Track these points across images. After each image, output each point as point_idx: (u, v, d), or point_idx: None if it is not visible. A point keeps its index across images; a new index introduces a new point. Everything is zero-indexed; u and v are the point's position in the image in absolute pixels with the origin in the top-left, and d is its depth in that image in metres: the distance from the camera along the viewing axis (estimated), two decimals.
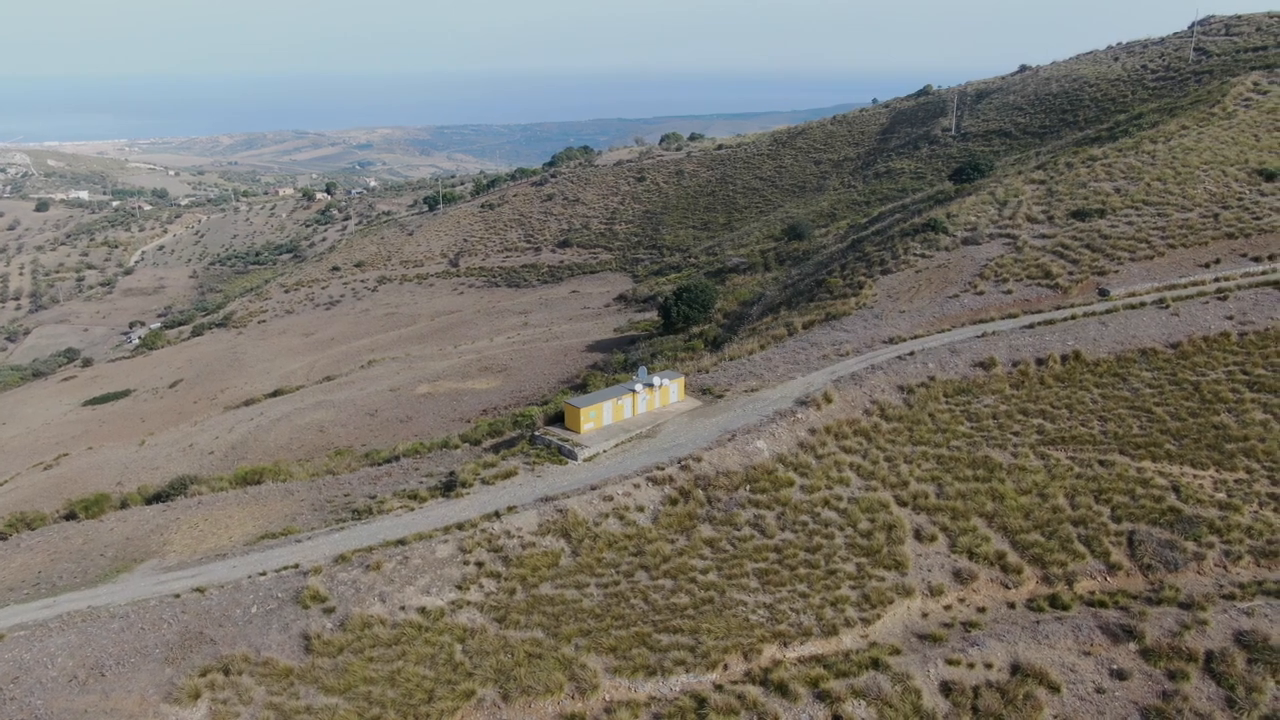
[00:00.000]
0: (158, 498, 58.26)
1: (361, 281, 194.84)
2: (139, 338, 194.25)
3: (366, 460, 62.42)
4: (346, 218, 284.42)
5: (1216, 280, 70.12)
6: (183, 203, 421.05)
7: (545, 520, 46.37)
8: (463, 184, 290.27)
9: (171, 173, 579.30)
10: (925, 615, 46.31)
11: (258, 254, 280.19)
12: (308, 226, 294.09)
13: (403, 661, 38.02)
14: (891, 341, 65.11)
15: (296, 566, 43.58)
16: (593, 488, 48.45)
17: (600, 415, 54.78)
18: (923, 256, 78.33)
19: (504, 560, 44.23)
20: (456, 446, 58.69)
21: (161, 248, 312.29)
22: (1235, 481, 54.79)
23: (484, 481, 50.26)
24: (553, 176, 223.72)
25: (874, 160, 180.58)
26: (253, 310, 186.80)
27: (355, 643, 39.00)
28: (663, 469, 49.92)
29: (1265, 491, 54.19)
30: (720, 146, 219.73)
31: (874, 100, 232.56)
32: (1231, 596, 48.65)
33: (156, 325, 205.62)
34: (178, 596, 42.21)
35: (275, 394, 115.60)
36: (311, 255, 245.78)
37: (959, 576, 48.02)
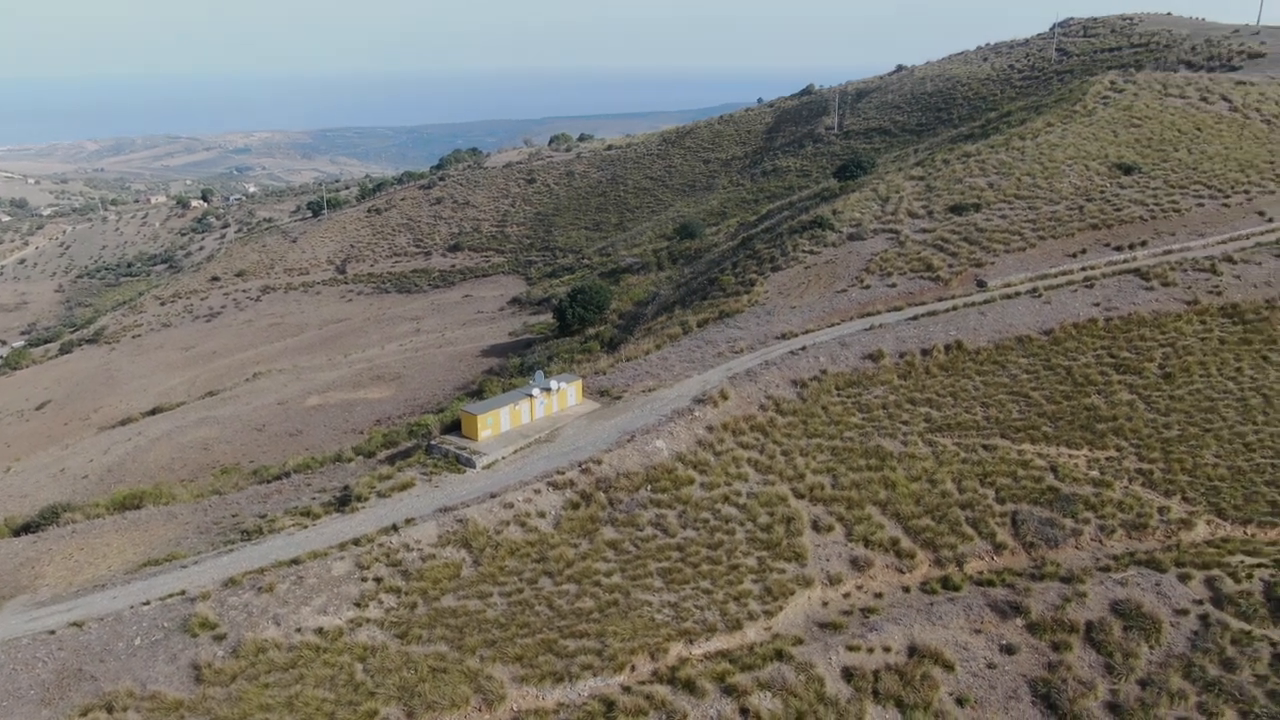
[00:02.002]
0: (26, 528, 54.79)
1: (244, 291, 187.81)
2: (1, 358, 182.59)
3: (255, 478, 60.15)
4: (225, 225, 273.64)
5: (1084, 269, 73.91)
6: (45, 212, 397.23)
7: (445, 531, 45.55)
8: (348, 188, 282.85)
9: (31, 181, 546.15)
10: (826, 604, 47.37)
11: (130, 265, 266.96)
12: (184, 235, 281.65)
13: (301, 685, 36.74)
14: (784, 337, 66.39)
15: (183, 593, 41.64)
16: (492, 495, 47.85)
17: (498, 422, 54.14)
18: (811, 253, 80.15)
19: (404, 574, 43.25)
20: (350, 459, 57.12)
21: (23, 261, 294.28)
22: (1107, 460, 57.84)
23: (380, 495, 49.04)
24: (441, 179, 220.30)
25: (761, 158, 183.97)
26: (126, 325, 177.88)
27: (249, 669, 37.50)
28: (563, 473, 49.67)
29: (1134, 468, 57.38)
30: (610, 147, 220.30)
31: (759, 100, 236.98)
32: (1107, 569, 51.37)
33: (20, 344, 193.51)
34: (53, 633, 39.79)
35: (154, 412, 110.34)
36: (189, 265, 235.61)
37: (856, 564, 49.29)
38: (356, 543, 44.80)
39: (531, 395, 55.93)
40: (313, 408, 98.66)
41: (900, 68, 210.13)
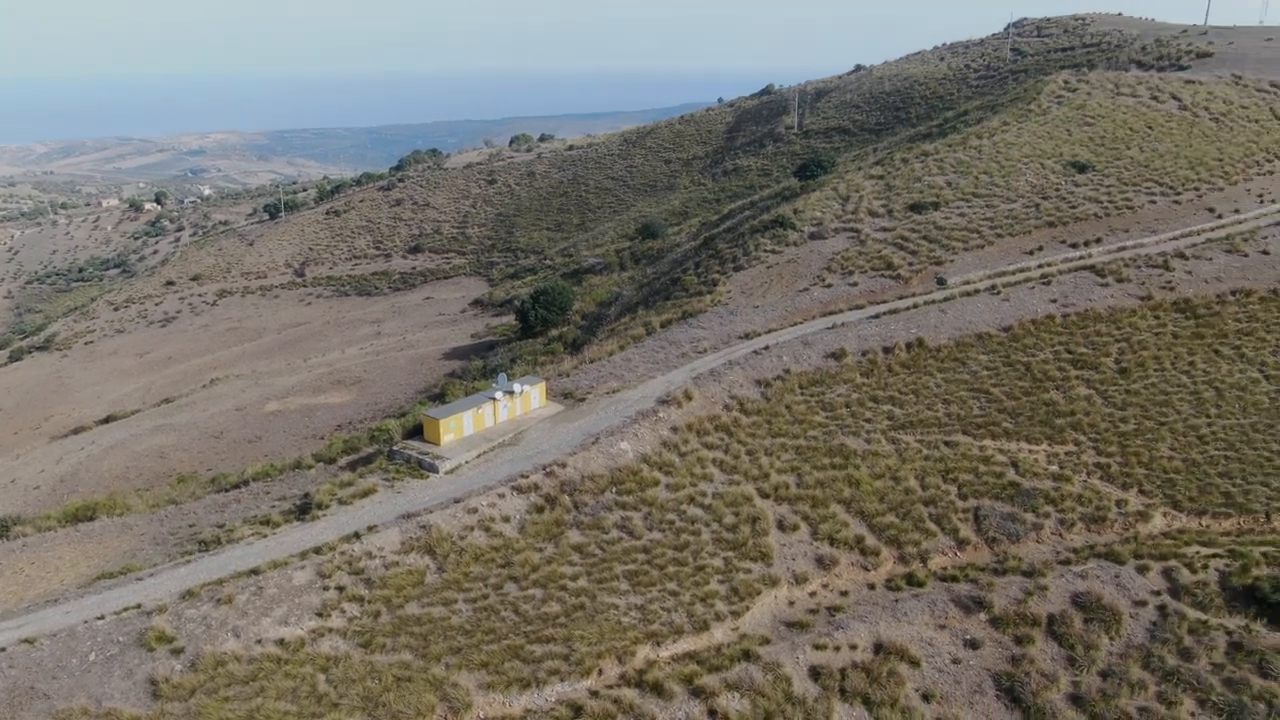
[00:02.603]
0: None
1: (199, 296, 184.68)
2: None
3: (213, 486, 59.04)
4: (180, 229, 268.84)
5: (1040, 266, 74.88)
6: None
7: (408, 538, 44.98)
8: (305, 190, 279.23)
9: None
10: (792, 603, 47.48)
11: (81, 270, 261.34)
12: (137, 239, 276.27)
13: (262, 698, 36.04)
14: (747, 337, 66.49)
15: (139, 607, 40.67)
16: (456, 501, 47.35)
17: (460, 426, 53.59)
18: (773, 252, 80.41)
19: (366, 583, 42.63)
20: (310, 466, 56.24)
21: None
22: (1066, 454, 58.62)
23: (341, 502, 48.32)
24: (401, 181, 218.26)
25: (722, 158, 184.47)
26: (79, 331, 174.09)
27: (208, 683, 36.71)
28: (527, 477, 49.29)
29: (1092, 462, 58.22)
30: (571, 147, 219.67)
31: (719, 100, 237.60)
32: (1067, 562, 52.04)
33: None
34: (3, 650, 38.64)
35: (108, 420, 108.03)
36: (143, 270, 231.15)
37: (822, 563, 49.46)
38: (318, 551, 44.08)
39: (494, 398, 55.45)
40: (272, 413, 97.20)
41: (859, 67, 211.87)
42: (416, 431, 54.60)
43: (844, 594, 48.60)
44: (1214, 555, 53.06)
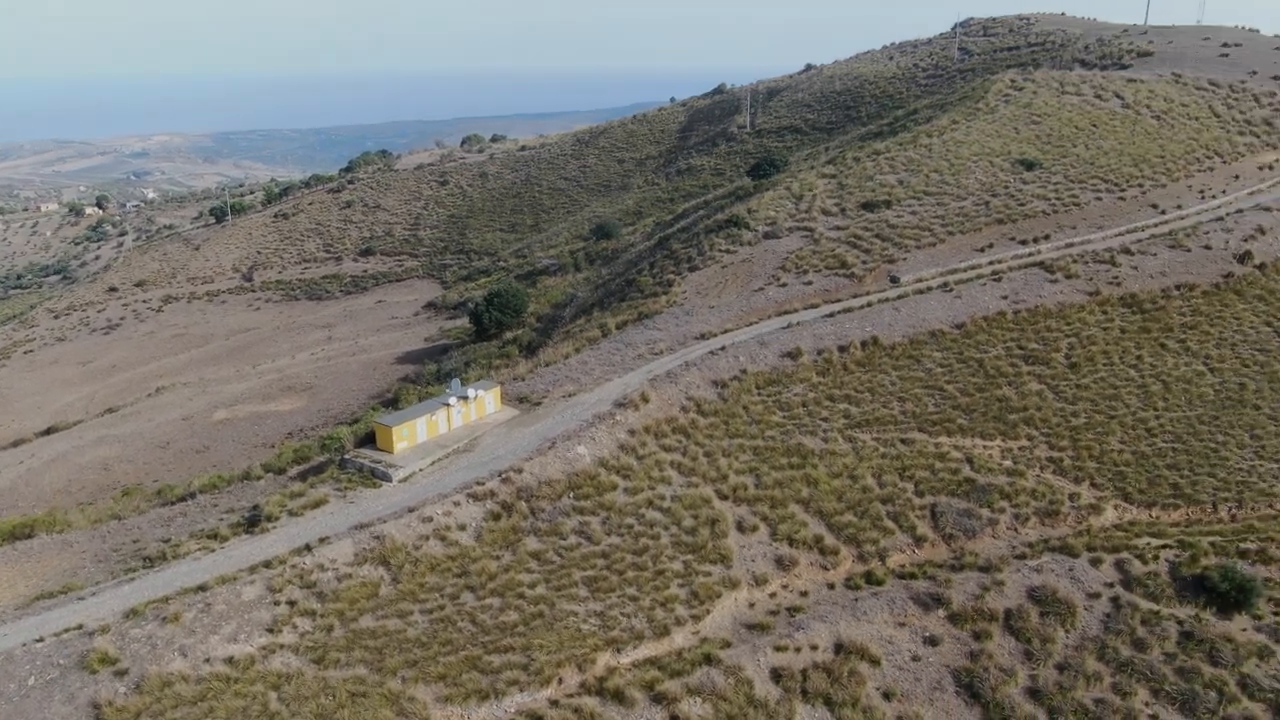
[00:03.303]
0: None
1: (144, 302, 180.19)
2: None
3: (158, 499, 57.34)
4: (123, 233, 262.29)
5: (991, 263, 75.68)
6: None
7: (361, 549, 43.99)
8: (253, 193, 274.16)
9: None
10: (752, 605, 47.31)
11: (20, 277, 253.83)
12: (78, 245, 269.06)
13: (211, 719, 34.93)
14: (703, 337, 66.27)
15: (80, 627, 39.23)
16: (410, 510, 46.43)
17: (414, 433, 52.61)
18: (728, 252, 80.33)
19: (319, 596, 41.59)
20: (259, 477, 54.84)
21: None
22: (1019, 449, 59.25)
23: (292, 513, 47.13)
24: (350, 183, 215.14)
25: (675, 158, 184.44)
26: (17, 340, 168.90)
27: (154, 705, 35.47)
28: (483, 484, 48.51)
29: (1044, 456, 58.89)
30: (524, 148, 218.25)
31: (672, 99, 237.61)
32: (1023, 556, 52.55)
33: None
34: None
35: (49, 431, 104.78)
36: (84, 276, 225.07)
37: (781, 563, 49.37)
38: (268, 565, 42.92)
39: (449, 404, 54.54)
40: (220, 422, 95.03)
41: (809, 67, 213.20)
42: (369, 439, 53.51)
43: (804, 594, 48.55)
44: (1164, 546, 53.95)
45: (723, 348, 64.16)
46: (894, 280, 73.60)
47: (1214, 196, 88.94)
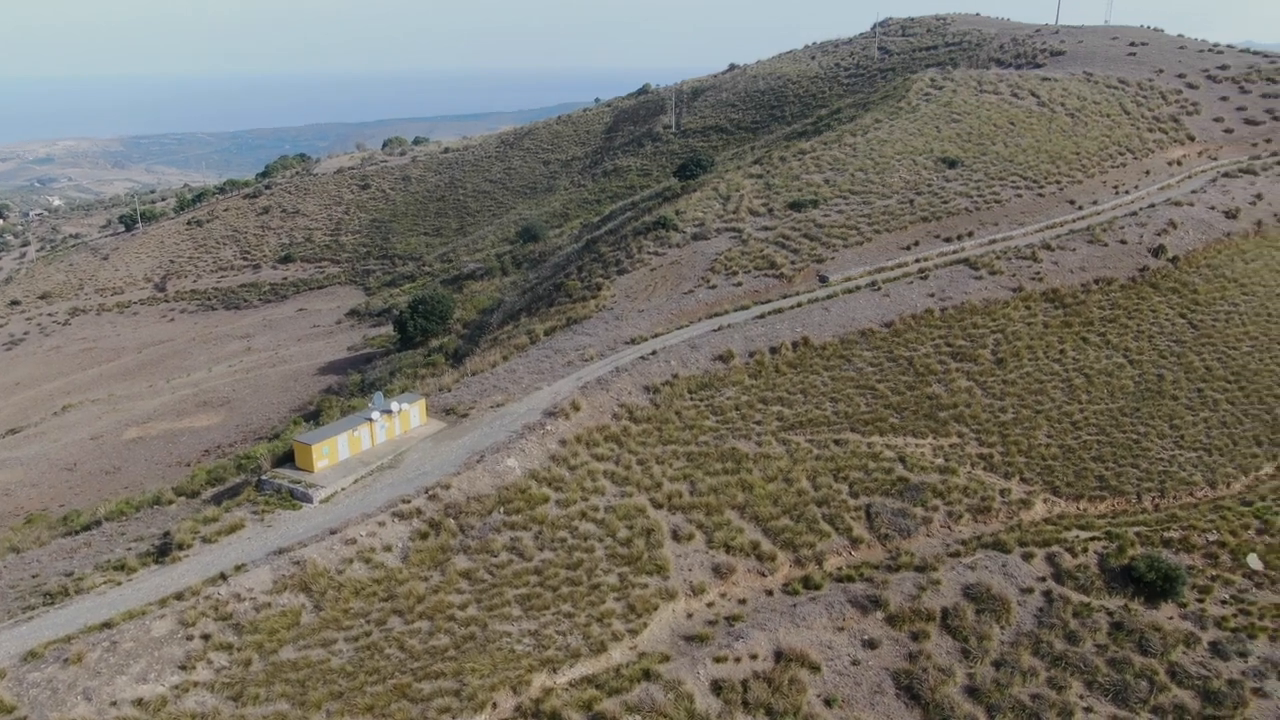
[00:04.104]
0: None
1: (49, 315, 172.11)
2: None
3: (62, 528, 54.04)
4: (25, 244, 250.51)
5: (917, 261, 76.23)
6: None
7: (281, 576, 41.83)
8: (165, 199, 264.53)
9: None
10: (690, 616, 46.42)
11: None
12: None
13: None
14: (634, 342, 65.25)
15: None
16: (333, 532, 44.38)
17: (335, 450, 50.43)
18: (656, 254, 79.48)
19: (235, 628, 39.36)
20: (171, 502, 52.02)
21: None
22: (950, 446, 59.54)
23: (205, 540, 44.66)
24: (268, 188, 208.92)
25: (601, 158, 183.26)
26: None
27: None
28: (409, 501, 46.68)
29: (975, 453, 59.29)
30: (447, 150, 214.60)
31: (596, 100, 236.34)
32: (957, 554, 52.71)
33: None
34: None
35: None
36: None
37: (718, 571, 48.59)
38: (179, 597, 40.51)
39: (371, 419, 52.46)
40: (132, 441, 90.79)
41: (733, 66, 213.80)
42: (288, 458, 51.13)
43: (742, 602, 47.84)
44: (1092, 538, 54.70)
45: (654, 352, 63.23)
46: (823, 280, 73.59)
47: (1127, 192, 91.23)
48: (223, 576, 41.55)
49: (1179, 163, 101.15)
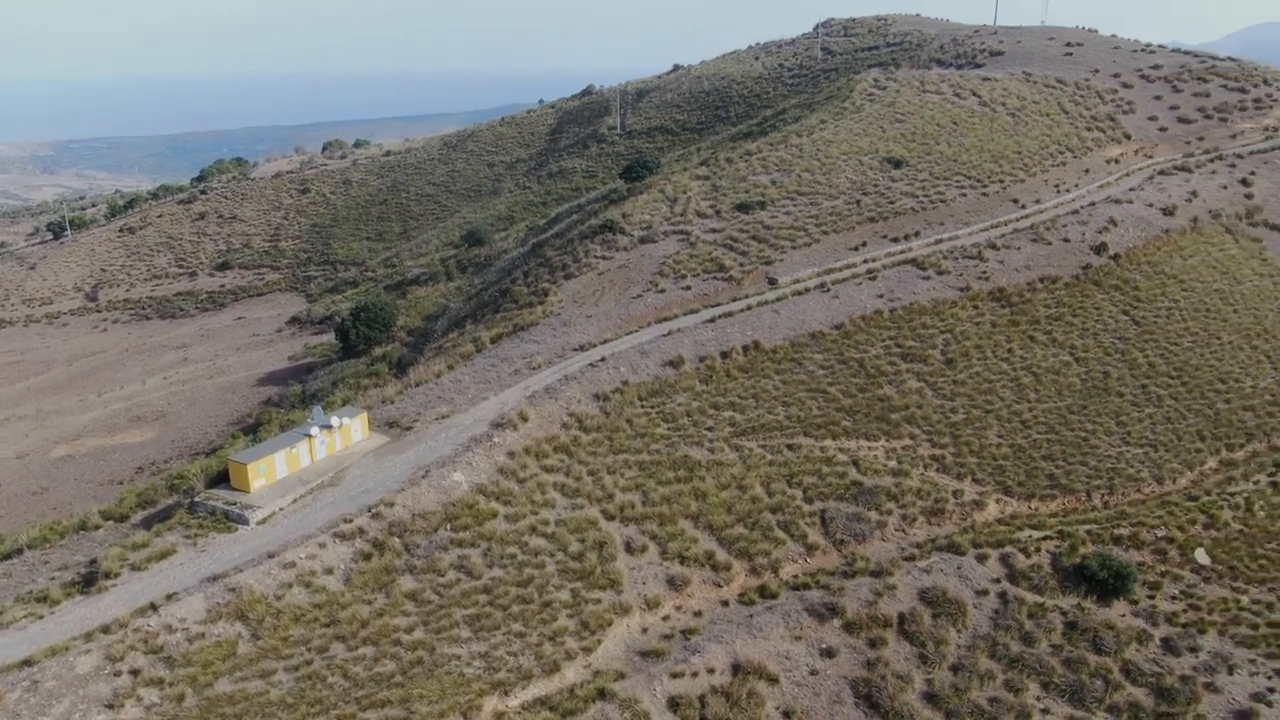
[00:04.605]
0: None
1: None
2: None
3: None
4: None
5: (866, 262, 76.05)
6: None
7: (215, 604, 39.81)
8: (96, 206, 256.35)
9: None
10: (645, 630, 45.35)
11: None
12: None
13: None
14: (582, 349, 63.96)
15: None
16: (270, 555, 42.43)
17: (272, 469, 48.35)
18: (603, 258, 78.25)
19: (167, 662, 37.31)
20: (98, 526, 49.40)
21: None
22: (903, 448, 59.25)
23: (134, 568, 42.40)
24: (203, 193, 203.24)
25: (546, 160, 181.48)
26: None
27: None
28: (351, 521, 44.87)
29: (927, 454, 59.08)
30: (389, 153, 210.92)
31: (540, 101, 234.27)
32: (912, 558, 52.35)
33: None
34: None
35: None
36: None
37: (673, 584, 47.57)
38: (106, 630, 38.32)
39: (310, 435, 50.44)
40: (61, 459, 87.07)
41: (677, 67, 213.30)
42: (223, 478, 48.92)
43: (698, 614, 46.89)
44: (1045, 538, 54.78)
45: (603, 359, 62.02)
46: (772, 282, 73.02)
47: (1069, 190, 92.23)
48: (153, 607, 39.42)
49: (1117, 161, 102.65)
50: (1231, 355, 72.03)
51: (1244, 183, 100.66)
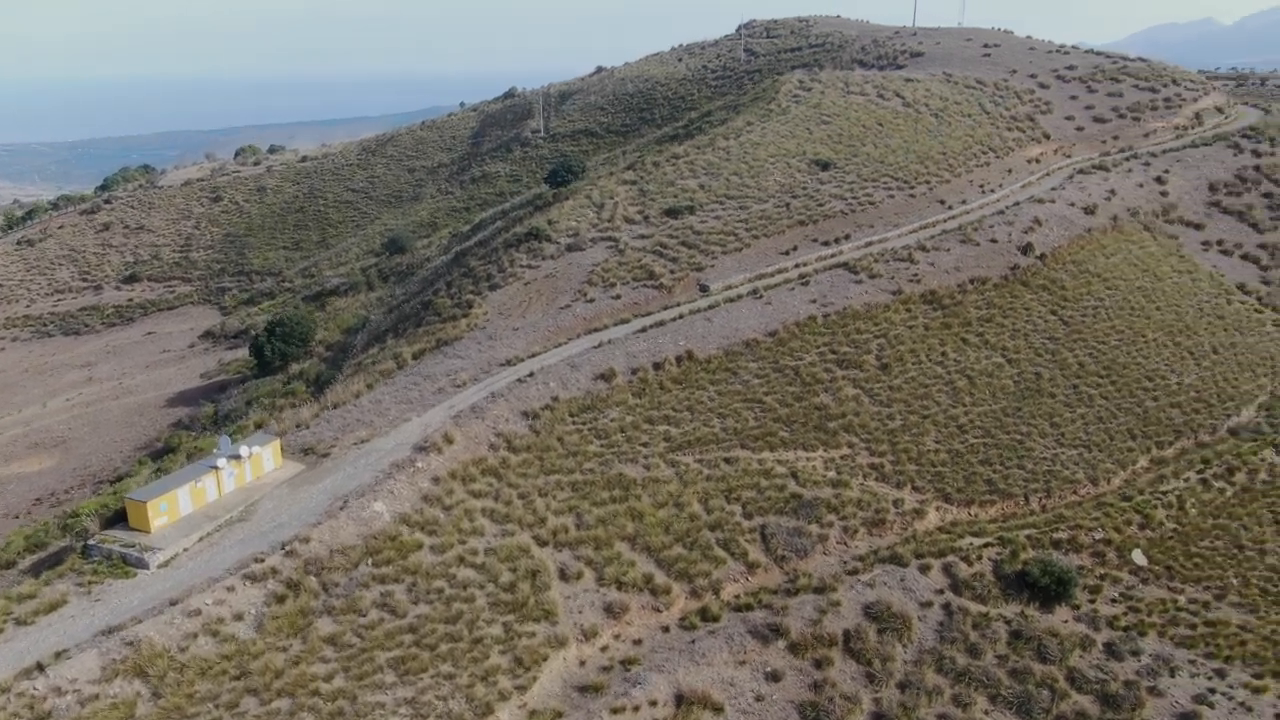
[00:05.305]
0: None
1: None
2: None
3: None
4: None
5: (797, 266, 74.95)
6: None
7: (111, 660, 36.30)
8: None
9: None
10: (583, 663, 43.10)
11: None
12: None
13: None
14: (509, 363, 61.35)
15: None
16: (173, 603, 39.01)
17: (175, 505, 44.72)
18: (530, 267, 75.66)
19: None
20: None
21: None
22: (841, 458, 58.07)
23: (18, 622, 38.52)
24: (108, 202, 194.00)
25: (469, 165, 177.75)
26: None
27: None
28: (263, 560, 41.64)
29: (866, 463, 58.00)
30: (305, 158, 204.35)
31: (462, 104, 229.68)
32: (855, 572, 51.10)
33: None
34: None
35: None
36: None
37: (611, 611, 45.41)
38: None
39: (217, 466, 46.88)
40: None
41: (600, 69, 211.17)
42: (120, 517, 45.09)
43: (638, 643, 44.83)
44: (986, 545, 54.09)
45: (531, 374, 59.53)
46: (704, 289, 71.37)
47: (993, 190, 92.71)
48: (39, 667, 35.73)
49: (1037, 160, 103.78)
50: (1157, 353, 72.81)
51: (1159, 181, 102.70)
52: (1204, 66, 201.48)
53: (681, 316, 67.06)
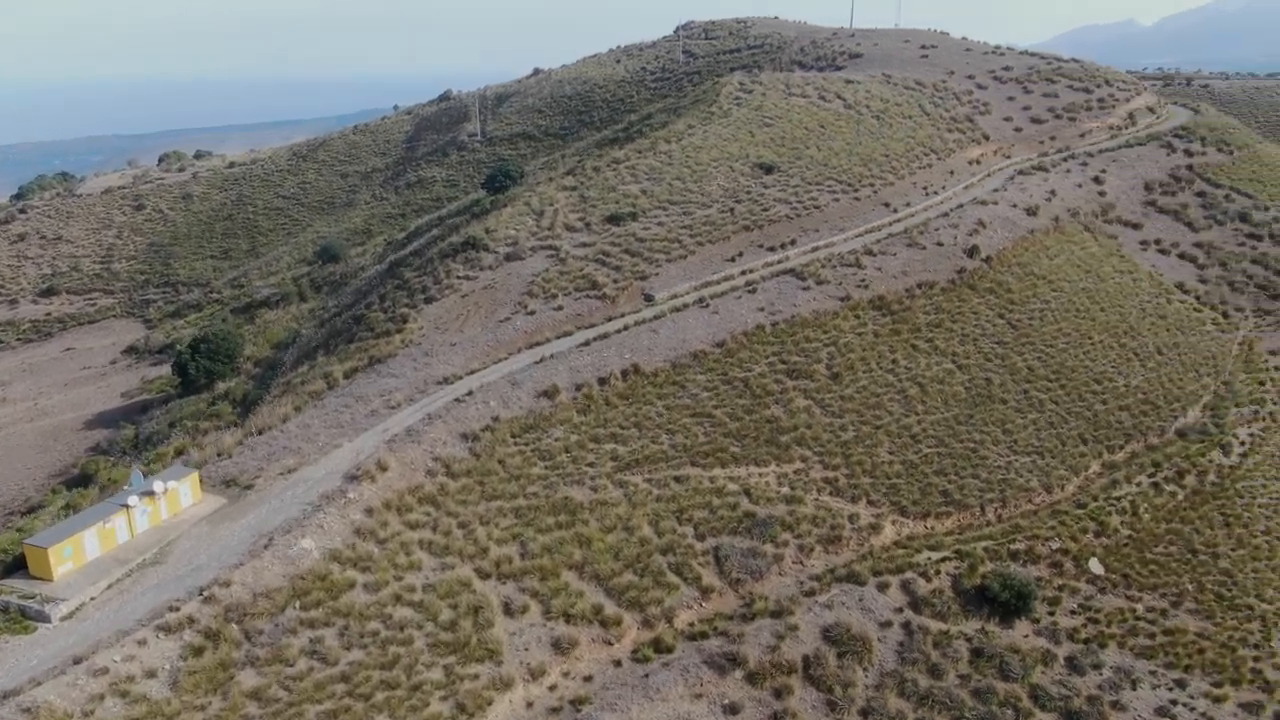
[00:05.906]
0: None
1: None
2: None
3: None
4: None
5: (744, 273, 73.18)
6: None
7: None
8: None
9: None
10: (530, 705, 40.51)
11: None
12: None
13: None
14: (446, 381, 58.42)
15: None
16: (77, 661, 35.49)
17: (80, 549, 41.05)
18: (467, 278, 72.67)
19: None
20: None
21: None
22: (794, 472, 56.30)
23: None
24: (22, 211, 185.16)
25: (404, 170, 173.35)
26: None
27: None
28: (179, 608, 38.27)
29: (820, 477, 56.30)
30: (233, 164, 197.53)
31: (395, 107, 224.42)
32: (812, 593, 49.31)
33: None
34: None
35: None
36: None
37: (559, 646, 42.87)
38: None
39: (128, 505, 43.25)
40: None
41: (537, 70, 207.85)
42: (19, 564, 41.28)
43: (588, 679, 42.37)
44: (944, 559, 52.77)
45: (470, 392, 56.69)
46: (649, 299, 69.18)
47: (936, 192, 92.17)
48: None
49: (978, 162, 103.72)
50: (1103, 354, 72.56)
51: (1097, 180, 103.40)
52: (1129, 66, 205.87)
53: (626, 328, 64.77)
